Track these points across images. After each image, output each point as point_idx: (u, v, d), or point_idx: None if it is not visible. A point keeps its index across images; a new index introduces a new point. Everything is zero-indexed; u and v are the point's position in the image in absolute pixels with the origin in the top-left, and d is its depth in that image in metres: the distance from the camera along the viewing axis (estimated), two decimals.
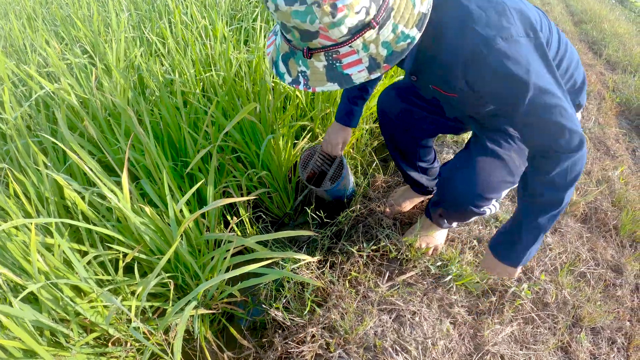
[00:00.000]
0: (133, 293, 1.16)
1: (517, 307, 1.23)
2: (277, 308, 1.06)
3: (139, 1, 1.63)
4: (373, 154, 1.57)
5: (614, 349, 1.34)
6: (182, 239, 1.16)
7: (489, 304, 1.22)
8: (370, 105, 1.54)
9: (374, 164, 1.56)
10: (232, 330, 1.14)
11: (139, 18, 1.56)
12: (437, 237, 1.30)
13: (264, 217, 1.42)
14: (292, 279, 1.11)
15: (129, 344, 1.17)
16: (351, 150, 1.50)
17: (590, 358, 1.29)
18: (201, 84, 1.33)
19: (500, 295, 1.24)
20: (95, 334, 1.06)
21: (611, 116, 2.26)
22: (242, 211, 1.31)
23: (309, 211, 1.27)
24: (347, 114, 1.25)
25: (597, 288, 1.42)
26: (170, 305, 1.16)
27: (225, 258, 1.09)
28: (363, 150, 1.56)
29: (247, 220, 1.29)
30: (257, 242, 1.14)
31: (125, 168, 1.00)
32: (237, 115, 1.08)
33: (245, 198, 0.96)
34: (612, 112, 2.30)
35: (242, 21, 1.64)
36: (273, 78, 1.35)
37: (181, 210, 1.17)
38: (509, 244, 0.92)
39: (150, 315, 1.19)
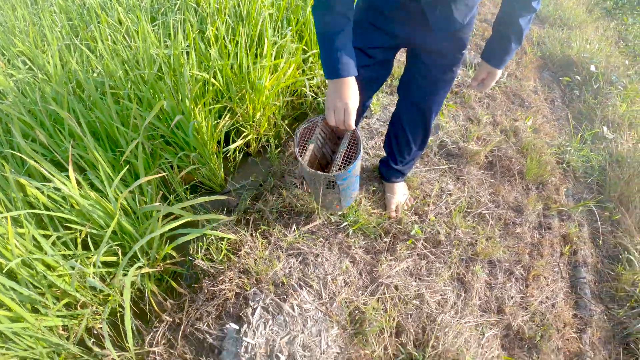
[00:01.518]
0: (94, 265, 1.55)
1: (410, 245, 1.59)
2: (200, 258, 1.44)
3: (70, 9, 1.96)
4: (285, 125, 1.91)
5: (511, 279, 1.70)
6: (123, 214, 1.54)
7: (384, 244, 1.58)
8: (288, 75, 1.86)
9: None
10: (172, 283, 1.54)
11: (70, 26, 1.90)
12: (399, 192, 1.66)
13: (199, 189, 1.79)
14: (211, 235, 1.49)
15: (94, 307, 1.56)
16: (266, 125, 1.85)
17: (486, 287, 1.65)
18: (129, 82, 1.69)
19: (394, 236, 1.60)
20: (65, 301, 1.45)
21: (531, 69, 2.56)
22: (177, 187, 1.69)
23: (233, 181, 1.64)
24: (350, 57, 1.06)
25: (495, 226, 1.77)
26: (120, 269, 1.55)
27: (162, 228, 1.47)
28: (276, 123, 1.90)
29: (182, 194, 1.67)
30: (193, 211, 1.53)
31: (70, 164, 1.37)
32: (152, 110, 1.44)
33: (156, 175, 1.33)
34: (532, 66, 2.60)
35: (165, 15, 1.96)
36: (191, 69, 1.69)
37: (122, 192, 1.55)
38: (504, 53, 1.26)
39: (108, 281, 1.59)
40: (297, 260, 1.50)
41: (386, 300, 1.46)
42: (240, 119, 1.78)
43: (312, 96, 1.95)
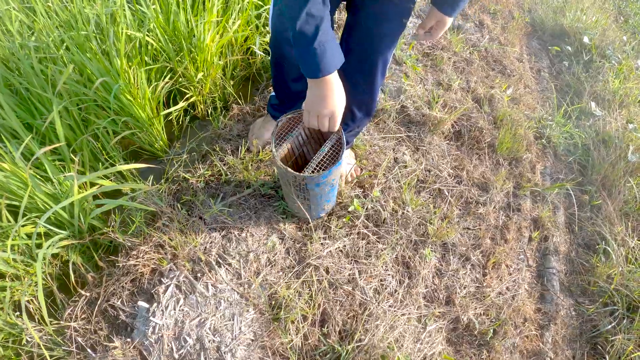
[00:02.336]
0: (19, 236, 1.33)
1: (348, 223, 1.28)
2: (111, 230, 1.18)
3: None
4: (230, 86, 1.59)
5: (466, 266, 1.37)
6: (46, 184, 1.31)
7: (319, 220, 1.28)
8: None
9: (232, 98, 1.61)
10: (95, 255, 1.30)
11: None
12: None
13: (142, 155, 1.53)
14: (127, 207, 1.22)
15: (26, 279, 1.35)
16: (211, 88, 1.54)
17: (436, 274, 1.33)
18: (63, 45, 1.42)
19: (330, 212, 1.29)
20: None
21: (519, 36, 2.11)
22: (112, 153, 1.43)
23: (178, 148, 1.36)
24: (332, 45, 0.79)
25: (454, 205, 1.43)
26: (43, 239, 1.32)
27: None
28: (223, 85, 1.58)
29: (115, 161, 1.41)
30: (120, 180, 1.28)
31: None
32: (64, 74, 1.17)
33: (54, 145, 1.06)
34: (520, 32, 2.15)
35: None
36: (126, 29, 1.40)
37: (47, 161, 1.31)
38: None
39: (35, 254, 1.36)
40: (219, 235, 1.23)
41: (313, 283, 1.17)
42: (183, 80, 1.49)
43: (262, 55, 1.62)
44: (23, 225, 1.28)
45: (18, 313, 1.25)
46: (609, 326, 1.34)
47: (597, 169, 1.68)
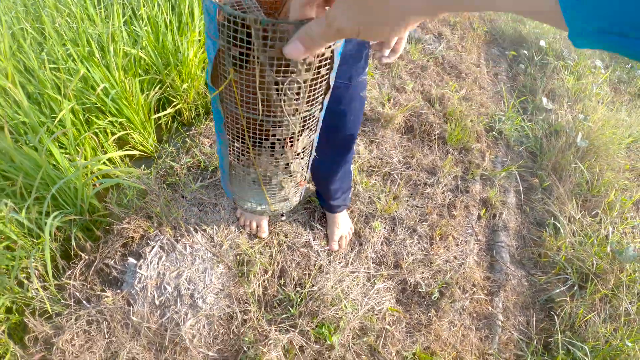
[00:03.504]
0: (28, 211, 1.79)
1: (305, 198, 1.69)
2: (110, 203, 1.63)
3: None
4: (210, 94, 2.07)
5: (413, 236, 1.74)
6: (53, 168, 1.78)
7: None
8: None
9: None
10: (94, 228, 1.73)
11: (25, 12, 2.21)
12: (345, 223, 1.66)
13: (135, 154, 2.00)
14: (122, 185, 1.68)
15: (34, 251, 1.79)
16: (195, 96, 2.03)
17: (384, 242, 1.71)
18: (71, 57, 1.95)
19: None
20: (5, 243, 1.69)
21: (477, 44, 2.57)
22: (110, 150, 1.91)
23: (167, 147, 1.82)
24: None
25: (403, 186, 1.83)
26: (51, 214, 1.77)
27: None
28: (205, 94, 2.07)
29: (113, 155, 1.88)
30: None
31: (6, 126, 1.63)
32: (75, 78, 1.66)
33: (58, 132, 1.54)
34: (479, 40, 2.61)
35: None
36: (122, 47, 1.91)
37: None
38: None
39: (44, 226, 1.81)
40: (197, 208, 1.65)
41: (273, 245, 1.57)
42: (171, 89, 1.98)
43: None
44: (34, 203, 1.74)
45: (25, 275, 1.68)
46: (558, 290, 1.64)
47: (548, 155, 2.06)
